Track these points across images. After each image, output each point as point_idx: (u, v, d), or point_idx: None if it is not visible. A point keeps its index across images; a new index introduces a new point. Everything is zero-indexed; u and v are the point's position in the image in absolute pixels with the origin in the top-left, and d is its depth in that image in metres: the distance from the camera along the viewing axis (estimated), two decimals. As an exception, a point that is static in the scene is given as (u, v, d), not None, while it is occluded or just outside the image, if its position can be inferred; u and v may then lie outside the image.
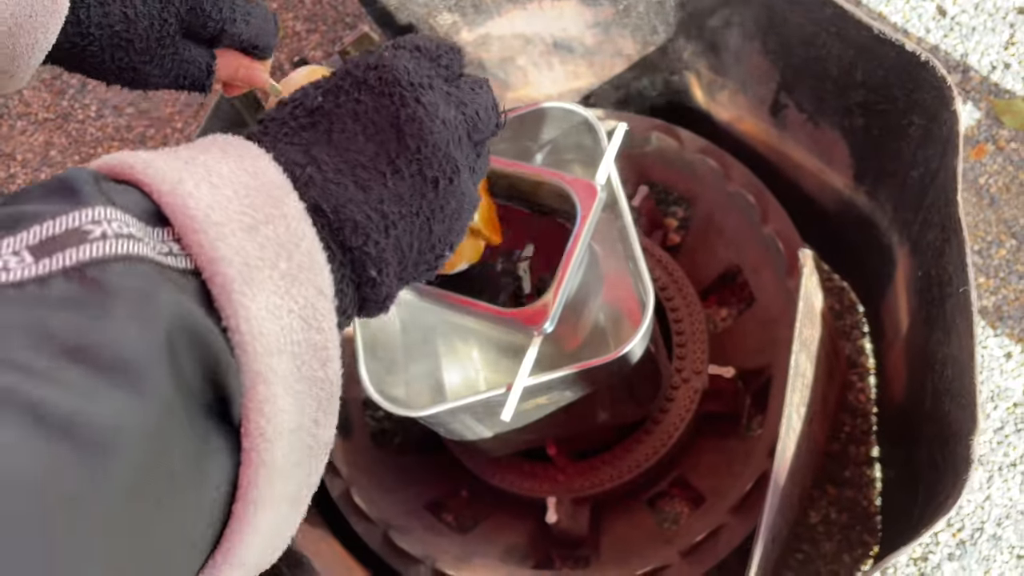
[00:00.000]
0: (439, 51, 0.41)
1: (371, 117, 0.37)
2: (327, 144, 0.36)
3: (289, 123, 0.37)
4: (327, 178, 0.35)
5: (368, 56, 0.39)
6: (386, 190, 0.36)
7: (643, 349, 0.77)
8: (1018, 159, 1.11)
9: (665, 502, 1.02)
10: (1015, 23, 1.18)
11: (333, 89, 0.37)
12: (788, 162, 0.98)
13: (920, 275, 0.75)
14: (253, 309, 0.29)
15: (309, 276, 0.32)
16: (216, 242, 0.30)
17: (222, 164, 0.32)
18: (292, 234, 0.32)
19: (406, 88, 0.37)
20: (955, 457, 0.61)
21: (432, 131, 0.37)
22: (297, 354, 0.31)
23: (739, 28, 0.85)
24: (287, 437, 0.30)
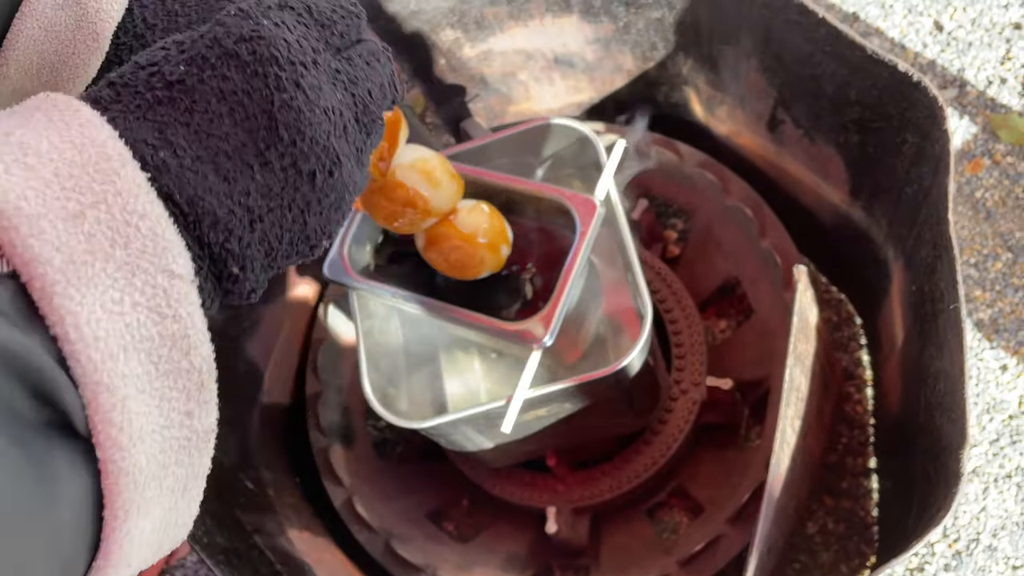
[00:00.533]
0: (333, 15, 0.36)
1: (240, 99, 0.32)
2: (186, 126, 0.31)
3: (143, 93, 0.32)
4: (183, 165, 0.31)
5: (244, 17, 0.33)
6: (253, 182, 0.32)
7: (642, 362, 0.78)
8: (1014, 173, 1.13)
9: (664, 512, 1.03)
10: (1011, 38, 1.20)
11: (198, 59, 0.32)
12: (786, 176, 0.99)
13: (914, 290, 0.77)
14: (83, 313, 0.26)
15: (154, 260, 0.29)
16: (29, 239, 0.26)
17: (43, 137, 0.28)
18: (129, 213, 0.28)
19: (284, 67, 0.33)
20: (946, 470, 0.62)
21: (311, 122, 0.33)
22: (151, 350, 0.28)
23: (736, 46, 0.86)
24: (151, 438, 0.28)
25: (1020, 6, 1.21)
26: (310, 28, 0.35)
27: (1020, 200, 1.11)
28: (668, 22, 0.91)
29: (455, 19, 0.95)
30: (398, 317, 0.86)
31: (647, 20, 0.92)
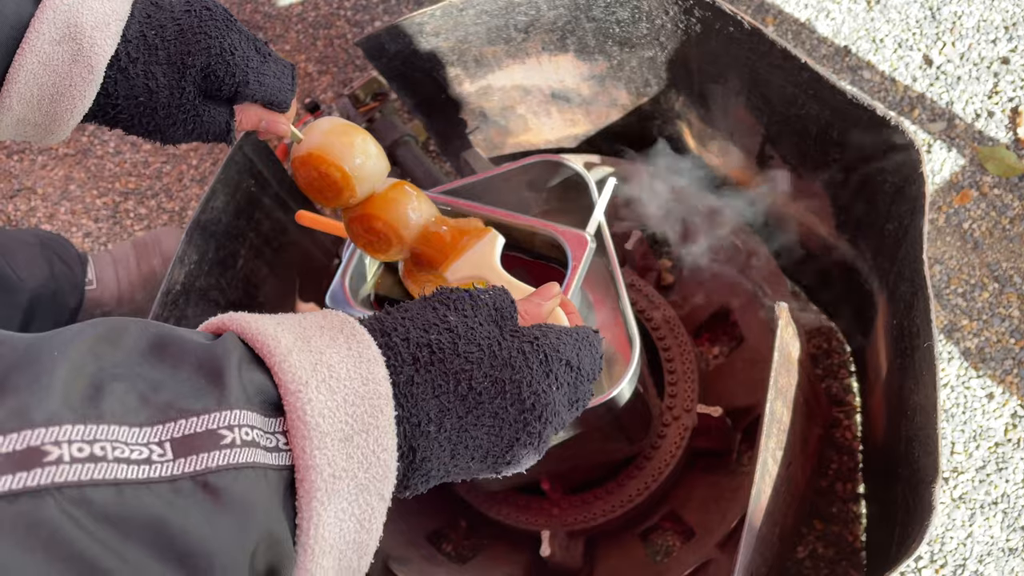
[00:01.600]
0: (590, 378, 0.46)
1: (502, 427, 0.42)
2: (460, 420, 0.41)
3: (450, 383, 0.40)
4: (438, 440, 0.40)
5: (544, 371, 0.43)
6: (465, 464, 0.42)
7: (631, 391, 0.81)
8: (1001, 205, 1.15)
9: (657, 535, 1.05)
10: (999, 72, 1.23)
11: (500, 384, 0.42)
12: (775, 208, 1.02)
13: (894, 324, 0.79)
14: (324, 517, 0.35)
15: (378, 485, 0.37)
16: (316, 451, 0.35)
17: (343, 363, 0.37)
18: (378, 445, 0.37)
19: (541, 423, 0.43)
20: (922, 502, 0.65)
21: (528, 458, 0.44)
22: (343, 551, 0.36)
23: (725, 85, 0.89)
24: None
25: (1008, 41, 1.24)
26: (571, 388, 0.45)
27: (1007, 231, 1.14)
28: (660, 61, 0.95)
29: (455, 57, 0.99)
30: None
31: (640, 59, 0.95)
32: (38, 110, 0.55)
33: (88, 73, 0.55)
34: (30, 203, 1.47)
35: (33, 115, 0.56)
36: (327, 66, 1.46)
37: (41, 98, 0.55)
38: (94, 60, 0.55)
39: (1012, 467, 1.03)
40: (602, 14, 0.90)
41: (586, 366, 0.46)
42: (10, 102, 0.54)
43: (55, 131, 0.58)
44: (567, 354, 0.44)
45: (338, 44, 1.47)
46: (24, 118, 0.56)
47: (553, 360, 0.43)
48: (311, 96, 1.43)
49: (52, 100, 0.55)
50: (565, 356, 0.44)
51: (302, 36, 1.49)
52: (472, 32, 0.94)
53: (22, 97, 0.54)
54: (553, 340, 0.44)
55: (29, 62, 0.54)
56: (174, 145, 0.70)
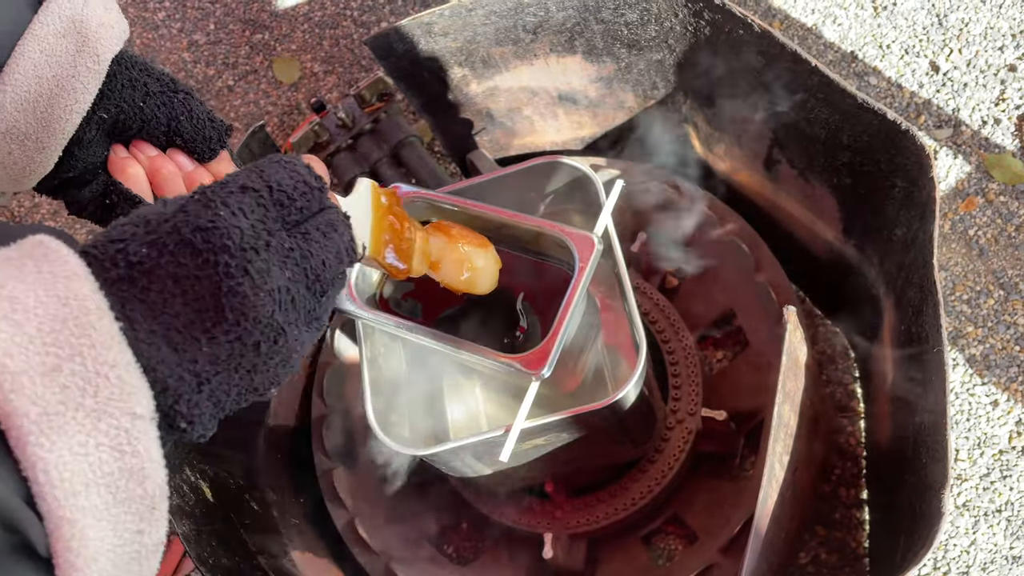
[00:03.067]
0: (294, 192, 0.40)
1: (191, 283, 0.36)
2: (142, 302, 0.35)
3: (109, 269, 0.35)
4: (139, 338, 0.34)
5: (205, 204, 0.37)
6: (200, 352, 0.36)
7: (636, 394, 0.80)
8: (1007, 212, 1.15)
9: (660, 539, 1.05)
10: (1006, 80, 1.23)
11: (158, 243, 0.36)
12: (782, 213, 1.02)
13: (902, 329, 0.79)
14: (52, 459, 0.31)
15: (120, 404, 0.33)
16: (10, 395, 0.30)
17: (30, 290, 0.32)
18: (101, 363, 0.32)
19: (234, 255, 0.36)
20: (930, 508, 0.64)
21: (255, 305, 0.37)
22: (110, 483, 0.32)
23: (733, 88, 0.89)
24: (104, 557, 0.32)
25: (1015, 48, 1.24)
26: (268, 209, 0.39)
27: (1013, 239, 1.14)
28: (668, 63, 0.94)
29: (463, 58, 0.98)
30: (402, 346, 0.88)
31: (648, 61, 0.95)
32: (33, 113, 0.51)
33: (94, 63, 0.53)
34: (35, 199, 1.47)
35: (25, 122, 0.51)
36: (333, 66, 1.46)
37: (39, 95, 0.51)
38: (100, 50, 0.53)
39: (1016, 475, 1.03)
40: (611, 16, 0.90)
41: (283, 181, 0.40)
42: (2, 99, 0.50)
43: (46, 144, 0.52)
44: (238, 181, 0.39)
45: (344, 44, 1.47)
46: (13, 127, 0.51)
47: (214, 193, 0.38)
48: (317, 95, 1.43)
49: (50, 99, 0.51)
50: (236, 183, 0.39)
51: (308, 36, 1.48)
52: (480, 32, 0.94)
53: (18, 94, 0.50)
54: (220, 181, 0.40)
55: (31, 50, 0.50)
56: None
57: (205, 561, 0.73)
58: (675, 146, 1.07)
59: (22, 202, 1.47)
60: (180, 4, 1.54)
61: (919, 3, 1.30)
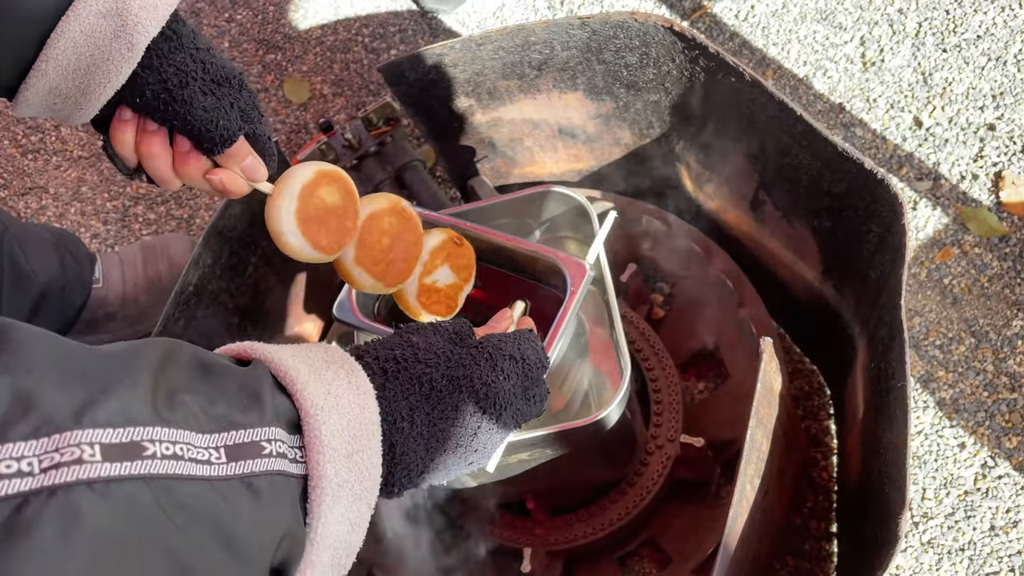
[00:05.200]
0: (536, 370, 0.57)
1: (465, 417, 0.51)
2: (427, 416, 0.50)
3: (415, 385, 0.50)
4: (412, 435, 0.49)
5: (491, 367, 0.54)
6: (440, 457, 0.51)
7: (619, 415, 0.84)
8: (980, 263, 1.20)
9: (635, 562, 1.08)
10: (984, 138, 1.29)
11: (455, 381, 0.51)
12: (765, 252, 1.07)
13: (872, 366, 0.83)
14: (330, 518, 0.43)
15: (367, 496, 0.45)
16: (327, 464, 0.43)
17: (346, 394, 0.46)
18: (370, 464, 0.45)
19: (496, 409, 0.53)
20: (889, 534, 0.68)
21: (492, 444, 0.54)
22: (337, 548, 0.44)
23: (724, 131, 0.94)
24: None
25: (995, 109, 1.30)
26: (520, 379, 0.56)
27: (985, 289, 1.19)
28: (664, 105, 1.00)
29: (470, 89, 1.04)
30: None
31: (645, 102, 1.00)
32: (72, 80, 0.56)
33: (128, 51, 0.56)
34: (41, 202, 1.51)
35: (66, 85, 0.56)
36: (342, 89, 1.51)
37: (77, 68, 0.55)
38: (136, 39, 0.56)
39: (980, 515, 1.06)
40: (612, 57, 0.95)
41: (530, 357, 0.56)
42: (46, 67, 0.55)
43: (84, 106, 0.58)
44: (509, 350, 0.55)
45: (354, 68, 1.52)
46: (56, 87, 0.56)
47: (497, 356, 0.54)
48: (325, 116, 1.48)
49: (87, 72, 0.56)
50: (507, 351, 0.55)
51: (320, 58, 1.54)
52: (488, 66, 0.99)
53: (59, 64, 0.55)
54: (495, 342, 0.56)
55: (71, 29, 0.54)
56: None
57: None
58: (667, 183, 1.12)
59: (29, 203, 1.50)
60: (197, 22, 1.60)
61: (906, 61, 1.36)
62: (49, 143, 1.55)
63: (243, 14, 1.60)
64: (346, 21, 1.57)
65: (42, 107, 0.58)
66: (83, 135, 1.55)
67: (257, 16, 1.60)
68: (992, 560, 1.04)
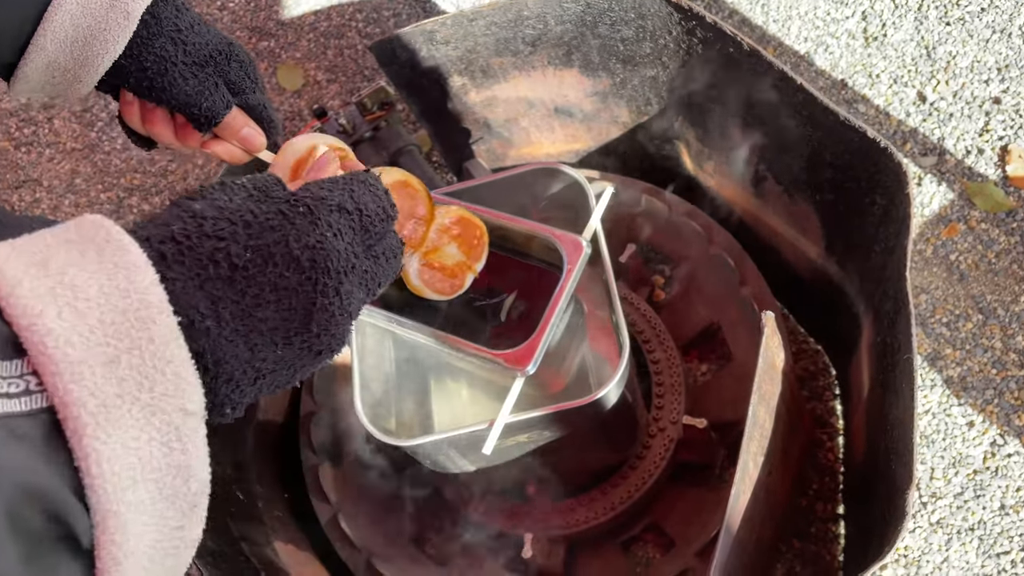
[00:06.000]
0: (375, 217, 0.43)
1: (288, 296, 0.38)
2: (236, 303, 0.37)
3: (207, 266, 0.36)
4: (222, 334, 0.36)
5: (311, 221, 0.39)
6: (272, 354, 0.38)
7: (618, 396, 0.82)
8: (987, 239, 1.18)
9: (639, 546, 1.06)
10: (990, 111, 1.26)
11: (264, 250, 0.38)
12: (767, 229, 1.05)
13: (878, 341, 0.81)
14: (105, 452, 0.31)
15: (174, 401, 0.33)
16: (70, 384, 0.31)
17: (92, 279, 0.32)
18: (158, 358, 0.33)
19: (331, 277, 0.39)
20: (897, 511, 0.66)
21: (338, 322, 0.40)
22: (157, 479, 0.33)
23: (723, 105, 0.92)
24: (144, 552, 0.33)
25: (1000, 82, 1.28)
26: (356, 233, 0.42)
27: (992, 265, 1.17)
28: (662, 80, 0.98)
29: (463, 67, 1.01)
30: (391, 341, 0.90)
31: (642, 77, 0.98)
32: (70, 52, 0.57)
33: (124, 19, 0.58)
34: (35, 194, 1.49)
35: (64, 58, 0.57)
36: (336, 75, 1.49)
37: (75, 40, 0.57)
38: (131, 7, 0.58)
39: (989, 495, 1.04)
40: (607, 31, 0.93)
41: (368, 205, 0.43)
42: (44, 41, 0.56)
43: (82, 78, 0.59)
44: (336, 199, 0.41)
45: (348, 54, 1.50)
46: (54, 61, 0.57)
47: (319, 209, 0.40)
48: (319, 103, 1.46)
49: (85, 43, 0.57)
50: (334, 201, 0.41)
51: (313, 45, 1.52)
52: (481, 43, 0.97)
53: (57, 36, 0.56)
54: (316, 191, 0.42)
55: (68, 2, 0.56)
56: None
57: (189, 542, 0.75)
58: (666, 161, 1.10)
59: (23, 196, 1.49)
60: (190, 9, 1.58)
61: (908, 35, 1.34)
62: (42, 136, 1.53)
63: (235, 1, 1.58)
64: (339, 6, 1.55)
65: (40, 83, 0.59)
66: (76, 127, 1.53)
67: (250, 3, 1.58)
68: (1003, 540, 1.02)
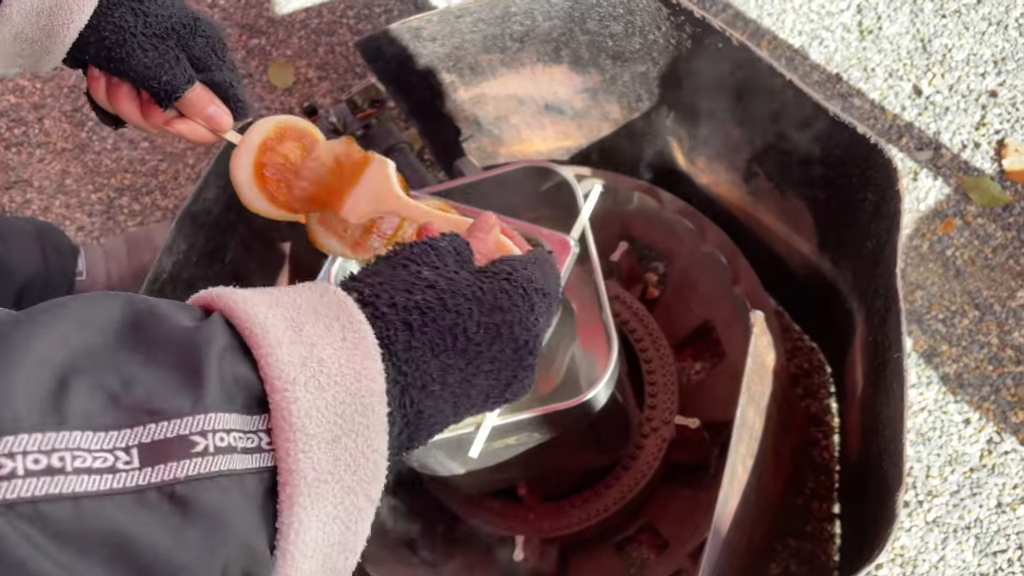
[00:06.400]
0: (554, 300, 0.47)
1: (500, 368, 0.41)
2: (460, 372, 0.40)
3: (447, 339, 0.39)
4: (443, 397, 0.39)
5: (529, 309, 0.43)
6: (470, 412, 0.42)
7: (607, 397, 0.81)
8: (984, 234, 1.17)
9: (633, 547, 1.06)
10: (986, 105, 1.25)
11: (493, 331, 0.41)
12: (760, 226, 1.04)
13: (870, 340, 0.80)
14: (307, 522, 0.33)
15: (365, 487, 0.35)
16: (300, 455, 0.32)
17: (335, 357, 0.34)
18: (368, 446, 0.35)
19: (532, 354, 0.43)
20: (888, 512, 0.65)
21: (526, 390, 0.44)
22: (327, 553, 0.34)
23: (714, 101, 0.91)
24: None
25: (996, 75, 1.26)
26: (546, 308, 0.45)
27: (989, 260, 1.15)
28: (652, 76, 0.96)
29: (451, 64, 1.00)
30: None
31: (632, 73, 0.97)
32: (36, 23, 0.57)
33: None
34: (25, 195, 1.48)
35: (31, 29, 0.58)
36: (327, 72, 1.48)
37: (40, 9, 0.57)
38: None
39: (986, 493, 1.03)
40: (596, 27, 0.92)
41: (552, 288, 0.46)
42: (10, 12, 0.57)
43: (51, 49, 0.59)
44: (539, 283, 0.44)
45: (339, 51, 1.49)
46: (21, 32, 0.58)
47: (532, 293, 0.43)
48: (310, 100, 1.45)
49: (51, 13, 0.58)
50: (538, 285, 0.44)
51: (304, 42, 1.51)
52: (468, 39, 0.96)
53: (23, 7, 0.57)
54: (524, 272, 0.44)
55: None
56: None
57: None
58: (658, 158, 1.09)
59: (13, 197, 1.48)
60: (180, 7, 1.56)
61: (904, 28, 1.32)
62: (32, 136, 1.52)
63: (226, -1, 1.57)
64: (330, 3, 1.54)
65: (10, 55, 0.59)
66: (67, 127, 1.52)
67: (240, 0, 1.57)
68: (999, 538, 1.01)
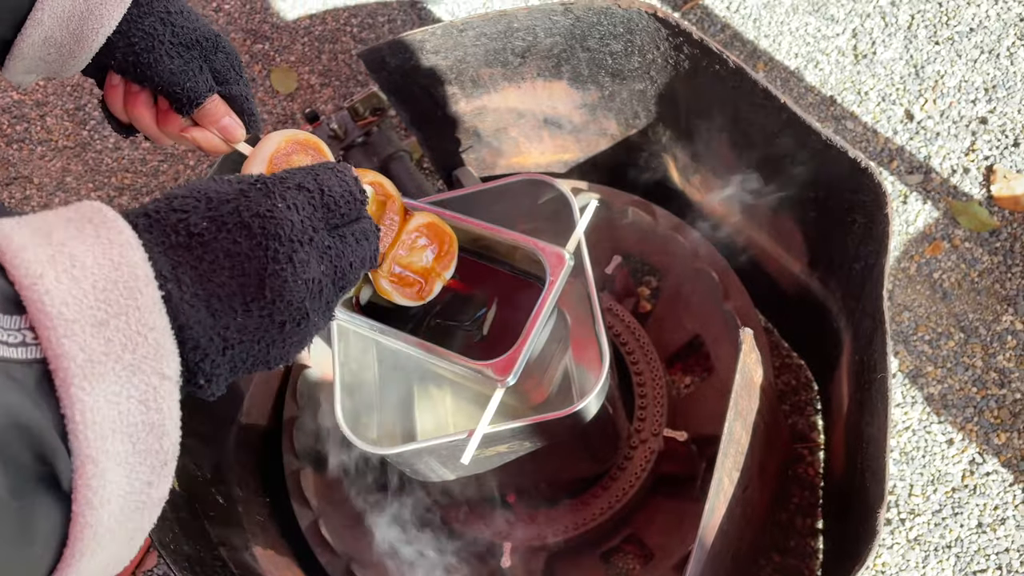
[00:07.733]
0: (340, 199, 0.46)
1: (241, 261, 0.41)
2: (194, 269, 0.40)
3: (170, 235, 0.40)
4: (183, 299, 0.39)
5: (265, 194, 0.43)
6: (234, 321, 0.41)
7: (598, 408, 0.83)
8: (971, 258, 1.19)
9: (619, 558, 1.07)
10: (976, 131, 1.27)
11: (219, 220, 0.41)
12: (752, 244, 1.05)
13: (856, 359, 0.82)
14: (89, 402, 0.35)
15: (153, 364, 0.37)
16: (63, 339, 0.34)
17: (88, 252, 0.36)
18: (142, 324, 0.37)
19: (283, 244, 0.42)
20: (868, 529, 0.67)
21: (292, 289, 0.42)
22: (133, 433, 0.36)
23: (710, 121, 0.93)
24: (116, 501, 0.36)
25: (987, 102, 1.29)
26: (317, 209, 0.45)
27: (975, 284, 1.17)
28: (650, 94, 0.98)
29: (453, 76, 1.02)
30: (375, 350, 0.91)
31: (630, 91, 0.99)
32: (67, 28, 0.59)
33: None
34: (25, 191, 1.49)
35: (61, 33, 0.59)
36: (330, 79, 1.49)
37: (72, 15, 0.59)
38: None
39: (967, 512, 1.05)
40: (596, 45, 0.94)
41: (333, 187, 0.46)
42: (42, 16, 0.58)
43: (77, 54, 0.61)
44: (297, 179, 0.45)
45: (342, 59, 1.51)
46: (51, 36, 0.59)
47: (275, 185, 0.43)
48: (312, 107, 1.47)
49: (82, 18, 0.59)
50: (294, 180, 0.44)
51: (308, 49, 1.52)
52: (471, 53, 0.97)
53: (55, 11, 0.58)
54: (279, 174, 0.45)
55: None
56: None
57: (167, 546, 0.75)
58: (654, 174, 1.11)
59: (13, 193, 1.49)
60: (185, 11, 1.58)
61: (898, 54, 1.35)
62: (34, 132, 1.53)
63: (231, 3, 1.59)
64: (334, 11, 1.55)
65: (36, 60, 0.61)
66: (68, 125, 1.53)
67: (245, 5, 1.58)
68: (979, 558, 1.03)
